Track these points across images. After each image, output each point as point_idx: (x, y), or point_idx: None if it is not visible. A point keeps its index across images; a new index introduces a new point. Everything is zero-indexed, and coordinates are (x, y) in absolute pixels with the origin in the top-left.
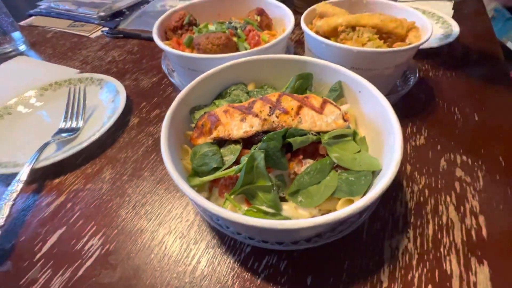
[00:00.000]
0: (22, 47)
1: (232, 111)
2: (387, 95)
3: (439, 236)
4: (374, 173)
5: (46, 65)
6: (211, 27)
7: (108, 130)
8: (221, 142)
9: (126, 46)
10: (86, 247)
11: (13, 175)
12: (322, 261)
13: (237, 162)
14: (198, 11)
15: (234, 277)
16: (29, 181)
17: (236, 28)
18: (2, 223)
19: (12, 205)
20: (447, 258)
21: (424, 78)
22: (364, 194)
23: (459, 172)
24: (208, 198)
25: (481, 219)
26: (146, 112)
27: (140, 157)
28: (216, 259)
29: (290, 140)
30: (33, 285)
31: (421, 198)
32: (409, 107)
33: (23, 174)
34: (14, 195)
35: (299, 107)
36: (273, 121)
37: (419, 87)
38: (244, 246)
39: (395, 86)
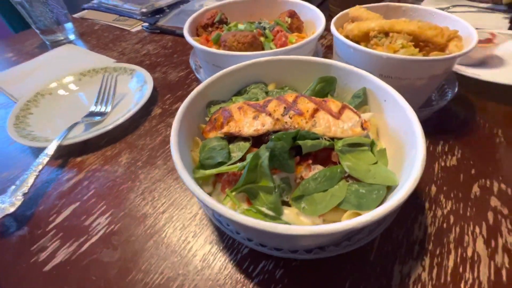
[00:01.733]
0: (72, 37)
1: (246, 108)
2: (420, 108)
3: (460, 270)
4: (390, 189)
5: (88, 54)
6: (240, 26)
7: (131, 117)
8: (231, 138)
9: (161, 41)
10: (94, 224)
11: (43, 149)
12: (322, 276)
13: (243, 159)
14: (231, 10)
15: (227, 277)
16: (55, 156)
17: (264, 28)
18: (26, 191)
19: (37, 176)
20: None
21: (464, 93)
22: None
23: (494, 202)
24: (211, 193)
25: None
26: (169, 103)
27: (157, 146)
28: (212, 255)
29: (300, 142)
30: (42, 252)
31: (444, 225)
32: (443, 124)
33: (51, 149)
34: (40, 167)
35: (315, 110)
36: (286, 122)
37: (458, 102)
38: (242, 247)
39: (429, 99)
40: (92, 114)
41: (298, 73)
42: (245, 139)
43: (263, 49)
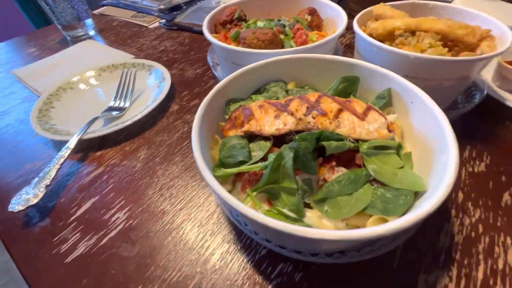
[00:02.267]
0: (92, 32)
1: (267, 107)
2: (445, 111)
3: (491, 283)
4: (417, 195)
5: (107, 49)
6: (260, 23)
7: (149, 113)
8: (251, 137)
9: (179, 38)
10: (113, 219)
11: (65, 143)
12: (342, 281)
13: (264, 159)
14: (250, 7)
15: (245, 278)
16: (76, 150)
17: (284, 26)
18: (49, 183)
19: (59, 169)
20: None
21: (493, 95)
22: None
23: None
24: (230, 192)
25: None
26: (186, 100)
27: (174, 142)
28: (229, 255)
29: (324, 143)
30: (63, 244)
31: (473, 234)
32: (471, 128)
33: (72, 142)
34: (62, 160)
35: (339, 110)
36: (309, 122)
37: (486, 105)
38: (260, 248)
39: (455, 102)
40: (111, 109)
41: (319, 72)
42: (266, 138)
43: (283, 46)
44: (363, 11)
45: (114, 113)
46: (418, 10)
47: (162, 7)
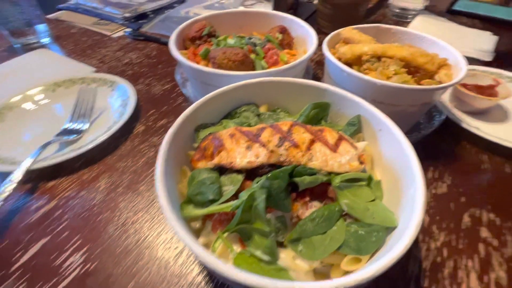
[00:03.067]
0: (46, 40)
1: (238, 136)
2: (409, 133)
3: None
4: (388, 229)
5: (64, 60)
6: (230, 41)
7: (111, 136)
8: (222, 169)
9: (145, 49)
10: (66, 264)
11: (10, 173)
12: None
13: (236, 194)
14: (221, 22)
15: None
16: (23, 181)
17: (255, 45)
18: None
19: (1, 205)
20: None
21: (452, 118)
22: (374, 253)
23: (484, 233)
24: (200, 231)
25: None
26: (153, 120)
27: (139, 169)
28: None
29: (297, 180)
30: None
31: (439, 258)
32: (432, 149)
33: (17, 174)
34: (5, 195)
35: (311, 142)
36: (281, 154)
37: (446, 127)
38: None
39: (417, 123)
40: (66, 131)
41: (291, 95)
42: (237, 171)
43: (254, 67)
44: (332, 33)
45: (70, 136)
46: (382, 33)
47: (127, 15)
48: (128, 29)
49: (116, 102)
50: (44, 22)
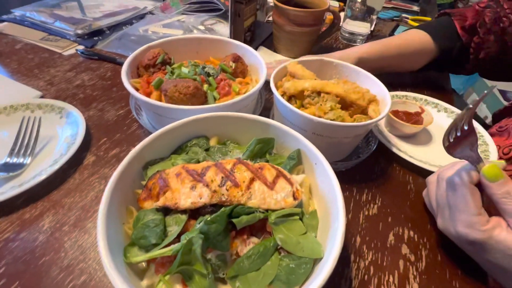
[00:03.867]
0: None
1: (184, 176)
2: (349, 158)
3: None
4: (316, 259)
5: (6, 82)
6: (184, 70)
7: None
8: (168, 209)
9: (99, 70)
10: None
11: None
12: None
13: (179, 235)
14: (176, 47)
15: None
16: None
17: (209, 75)
18: None
19: None
20: None
21: (385, 143)
22: (304, 283)
23: (404, 249)
24: (144, 272)
25: None
26: (104, 150)
27: (88, 204)
28: None
29: (235, 221)
30: None
31: (366, 276)
32: (368, 172)
33: None
34: None
35: (251, 180)
36: (223, 194)
37: (381, 150)
38: None
39: (357, 147)
40: (6, 166)
41: (240, 129)
42: (182, 211)
43: (206, 98)
44: (278, 68)
45: (10, 173)
46: (325, 66)
47: (79, 31)
48: (81, 47)
49: (65, 131)
50: None
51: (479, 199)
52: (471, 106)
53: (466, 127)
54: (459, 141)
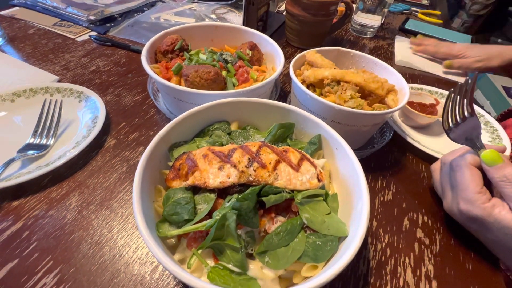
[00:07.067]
0: None
1: (211, 157)
2: (364, 147)
3: None
4: (341, 238)
5: (22, 66)
6: (202, 56)
7: (80, 151)
8: (196, 188)
9: (113, 56)
10: (38, 286)
11: None
12: None
13: (210, 213)
14: (192, 35)
15: None
16: None
17: (227, 62)
18: None
19: None
20: None
21: (399, 133)
22: (329, 259)
23: (419, 233)
24: (175, 248)
25: (434, 284)
26: (124, 133)
27: (112, 185)
28: None
29: (264, 199)
30: None
31: (383, 258)
32: (383, 160)
33: None
34: None
35: (277, 162)
36: (250, 174)
37: (395, 140)
38: None
39: (372, 138)
40: (29, 146)
41: (260, 114)
42: (210, 190)
43: (225, 84)
44: (297, 56)
45: (33, 152)
46: (342, 56)
47: (92, 17)
48: (94, 33)
49: (86, 115)
50: None
51: (480, 179)
52: (460, 83)
53: (466, 113)
54: (460, 127)
